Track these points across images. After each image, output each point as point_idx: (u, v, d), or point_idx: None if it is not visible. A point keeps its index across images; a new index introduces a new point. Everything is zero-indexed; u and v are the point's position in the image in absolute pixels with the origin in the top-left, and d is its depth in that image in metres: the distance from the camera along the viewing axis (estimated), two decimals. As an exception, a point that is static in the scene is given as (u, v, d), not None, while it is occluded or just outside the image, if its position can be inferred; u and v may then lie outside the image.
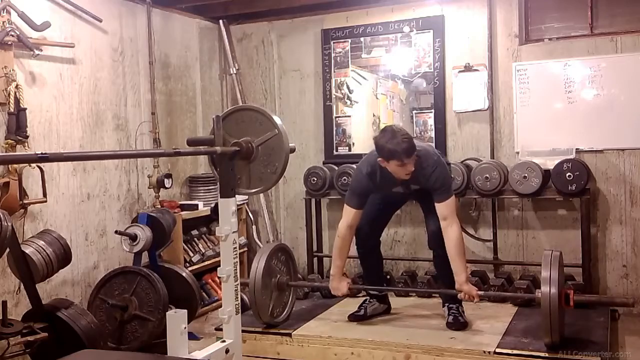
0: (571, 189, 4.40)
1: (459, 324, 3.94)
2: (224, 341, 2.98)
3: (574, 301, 3.43)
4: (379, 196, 4.10)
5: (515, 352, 3.54)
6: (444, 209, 3.78)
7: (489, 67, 4.91)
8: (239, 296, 3.04)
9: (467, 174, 4.67)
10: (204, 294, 5.07)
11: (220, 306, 3.07)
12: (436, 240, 3.94)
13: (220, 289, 3.45)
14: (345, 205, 3.99)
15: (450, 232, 3.76)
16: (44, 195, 3.95)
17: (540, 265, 4.73)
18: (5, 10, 3.80)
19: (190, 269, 4.78)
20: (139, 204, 4.83)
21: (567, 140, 4.68)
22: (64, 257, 3.71)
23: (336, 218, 5.43)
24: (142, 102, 4.89)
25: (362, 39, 5.33)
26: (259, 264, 3.91)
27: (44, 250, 3.60)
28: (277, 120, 3.07)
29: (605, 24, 4.68)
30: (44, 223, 4.07)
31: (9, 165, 3.76)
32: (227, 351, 2.93)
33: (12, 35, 3.80)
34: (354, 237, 4.11)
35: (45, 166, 3.94)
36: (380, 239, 4.30)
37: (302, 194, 5.35)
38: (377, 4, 5.23)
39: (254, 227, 5.66)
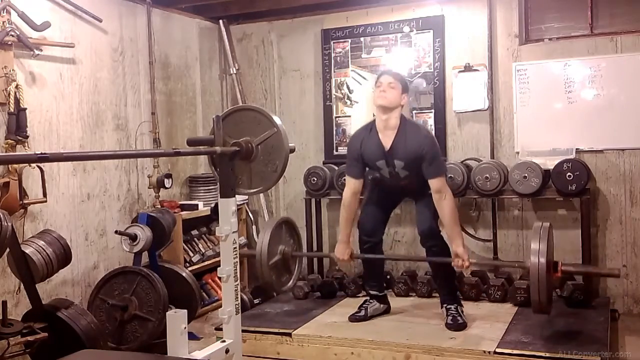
0: (571, 189, 4.40)
1: (457, 324, 3.95)
2: (224, 341, 2.98)
3: (562, 271, 3.53)
4: (375, 191, 4.21)
5: (515, 352, 3.54)
6: (437, 183, 3.90)
7: (489, 67, 4.91)
8: (239, 296, 3.04)
9: (467, 174, 4.67)
10: (204, 294, 5.07)
11: (220, 306, 3.07)
12: (426, 238, 4.05)
13: (220, 289, 3.45)
14: (346, 176, 4.19)
15: (444, 204, 3.87)
16: (44, 195, 3.95)
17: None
18: (5, 10, 3.80)
19: (190, 269, 4.78)
20: (139, 204, 4.83)
21: (567, 140, 4.68)
22: (64, 257, 3.71)
23: (336, 218, 5.42)
24: (142, 102, 4.89)
25: (362, 39, 5.33)
26: (264, 235, 4.11)
27: (44, 250, 3.60)
28: (277, 119, 3.07)
29: (605, 24, 4.68)
30: (44, 223, 4.07)
31: (9, 165, 3.75)
32: (227, 351, 2.93)
33: (12, 35, 3.80)
34: (359, 236, 4.22)
35: (45, 166, 3.94)
36: (383, 237, 4.31)
37: (302, 194, 5.35)
38: (377, 4, 5.23)
39: (254, 227, 5.66)
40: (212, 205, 4.90)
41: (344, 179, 4.89)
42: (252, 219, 5.64)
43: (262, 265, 4.03)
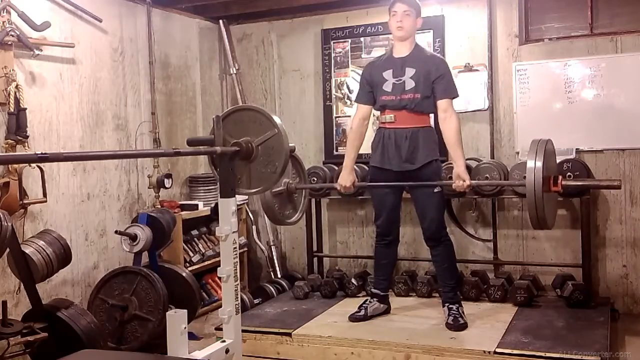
0: (571, 189, 4.40)
1: (458, 324, 3.94)
2: (224, 341, 2.98)
3: (562, 186, 3.52)
4: (379, 183, 4.18)
5: (515, 352, 3.54)
6: (446, 103, 3.97)
7: (489, 67, 4.91)
8: (239, 296, 3.04)
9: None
10: (204, 294, 5.07)
11: (220, 306, 3.07)
12: (432, 236, 4.07)
13: (220, 289, 3.45)
14: (356, 104, 4.30)
15: (450, 122, 3.95)
16: (44, 195, 3.95)
17: (540, 265, 4.80)
18: (5, 10, 3.80)
19: (190, 269, 4.78)
20: (139, 204, 4.83)
21: (567, 140, 4.68)
22: (64, 257, 3.71)
23: (336, 218, 5.46)
24: (142, 102, 4.89)
25: (362, 39, 5.33)
26: None
27: (44, 250, 3.60)
28: (277, 119, 3.07)
29: (605, 24, 4.68)
30: (44, 223, 4.07)
31: (9, 165, 3.75)
32: (227, 351, 2.93)
33: (12, 35, 3.80)
34: (376, 233, 4.30)
35: (45, 166, 3.94)
36: (399, 234, 4.34)
37: (302, 194, 5.34)
38: (377, 4, 5.22)
39: (254, 227, 5.66)
40: (212, 205, 4.90)
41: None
42: (252, 219, 5.64)
43: (266, 197, 3.95)
